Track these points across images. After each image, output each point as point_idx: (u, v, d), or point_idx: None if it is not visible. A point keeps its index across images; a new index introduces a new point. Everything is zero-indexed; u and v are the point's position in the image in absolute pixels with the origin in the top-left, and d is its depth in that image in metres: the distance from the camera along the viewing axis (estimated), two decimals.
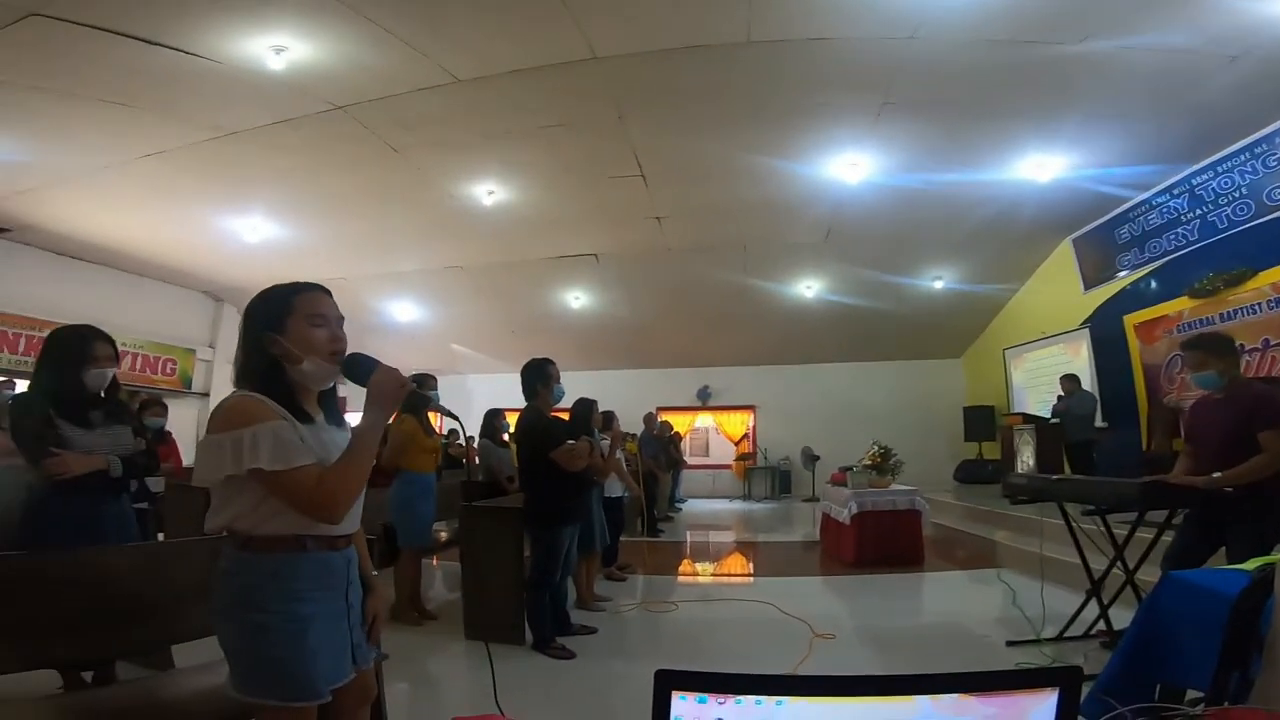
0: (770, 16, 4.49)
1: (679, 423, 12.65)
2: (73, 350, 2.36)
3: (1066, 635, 3.52)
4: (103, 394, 2.45)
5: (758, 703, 0.67)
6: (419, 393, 1.55)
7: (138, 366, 9.71)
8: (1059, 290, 9.05)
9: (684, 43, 4.76)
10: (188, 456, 7.81)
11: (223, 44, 4.48)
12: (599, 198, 7.33)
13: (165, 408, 5.77)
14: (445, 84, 5.11)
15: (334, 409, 1.53)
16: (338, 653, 1.42)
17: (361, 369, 1.42)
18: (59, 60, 4.51)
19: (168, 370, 10.45)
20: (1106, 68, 4.92)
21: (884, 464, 6.25)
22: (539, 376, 3.64)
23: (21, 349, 8.34)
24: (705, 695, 0.69)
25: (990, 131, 5.99)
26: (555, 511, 3.55)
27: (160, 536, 4.48)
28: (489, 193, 7.07)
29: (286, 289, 1.46)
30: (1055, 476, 3.76)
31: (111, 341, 2.46)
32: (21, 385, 6.15)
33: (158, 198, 7.08)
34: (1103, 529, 3.40)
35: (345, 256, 9.07)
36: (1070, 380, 7.46)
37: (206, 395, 10.96)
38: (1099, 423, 7.67)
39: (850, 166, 6.61)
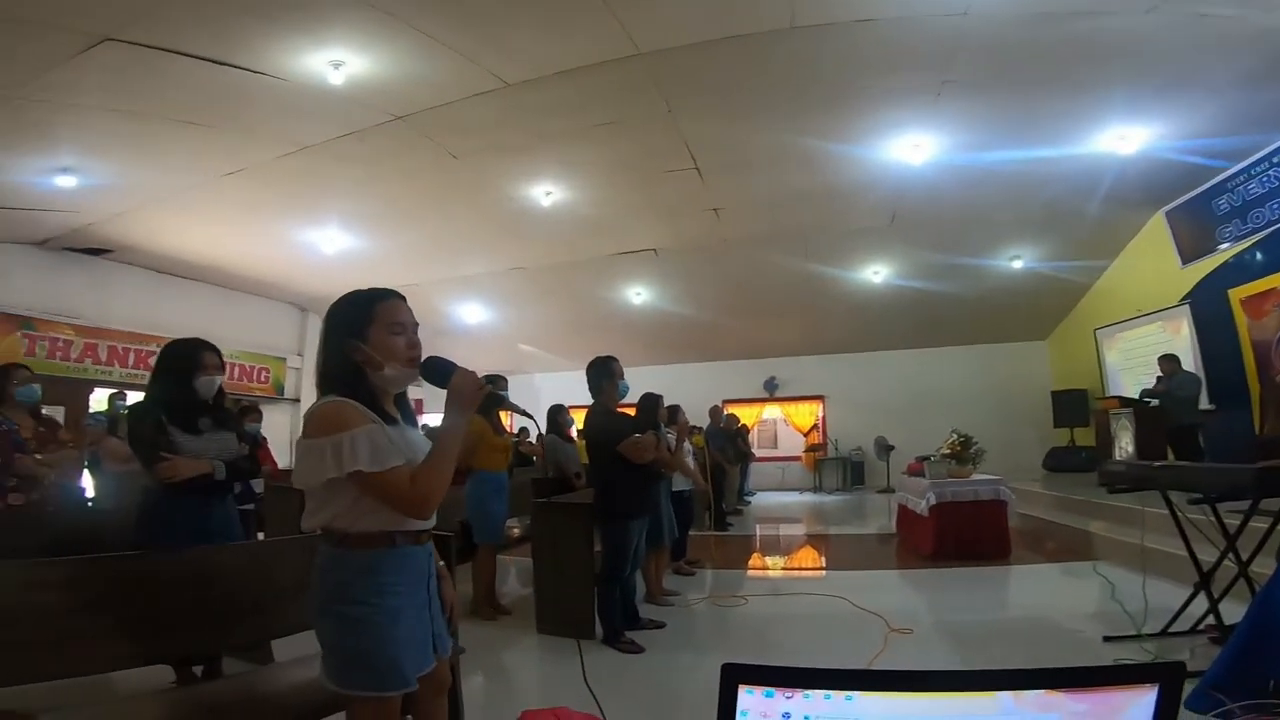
0: (812, 1, 4.37)
1: (746, 415, 12.52)
2: (184, 360, 2.55)
3: (1171, 631, 3.27)
4: (211, 402, 2.62)
5: (826, 697, 0.66)
6: (496, 393, 1.63)
7: (235, 376, 10.44)
8: (1153, 266, 8.39)
9: (725, 33, 4.69)
10: (281, 460, 8.39)
11: (285, 61, 4.70)
12: (655, 192, 7.32)
13: (261, 414, 6.20)
14: (496, 89, 5.22)
15: (408, 410, 1.61)
16: (422, 642, 1.50)
17: (440, 372, 1.49)
18: (137, 83, 4.79)
19: (261, 378, 11.18)
20: (1180, 36, 4.59)
21: (964, 453, 5.97)
22: (604, 373, 3.69)
23: (131, 362, 9.12)
24: (772, 689, 0.68)
25: (1063, 105, 5.64)
26: (624, 506, 3.59)
27: (260, 536, 4.79)
28: (546, 193, 7.18)
29: (367, 296, 1.53)
30: (1158, 463, 3.49)
31: (218, 351, 2.64)
32: (133, 396, 6.75)
33: (242, 213, 7.56)
34: (1212, 519, 3.13)
35: (415, 263, 9.41)
36: (1169, 361, 6.90)
37: (297, 401, 11.65)
38: (1204, 405, 7.07)
39: (913, 148, 6.35)
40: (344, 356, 1.49)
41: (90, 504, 4.90)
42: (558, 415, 5.53)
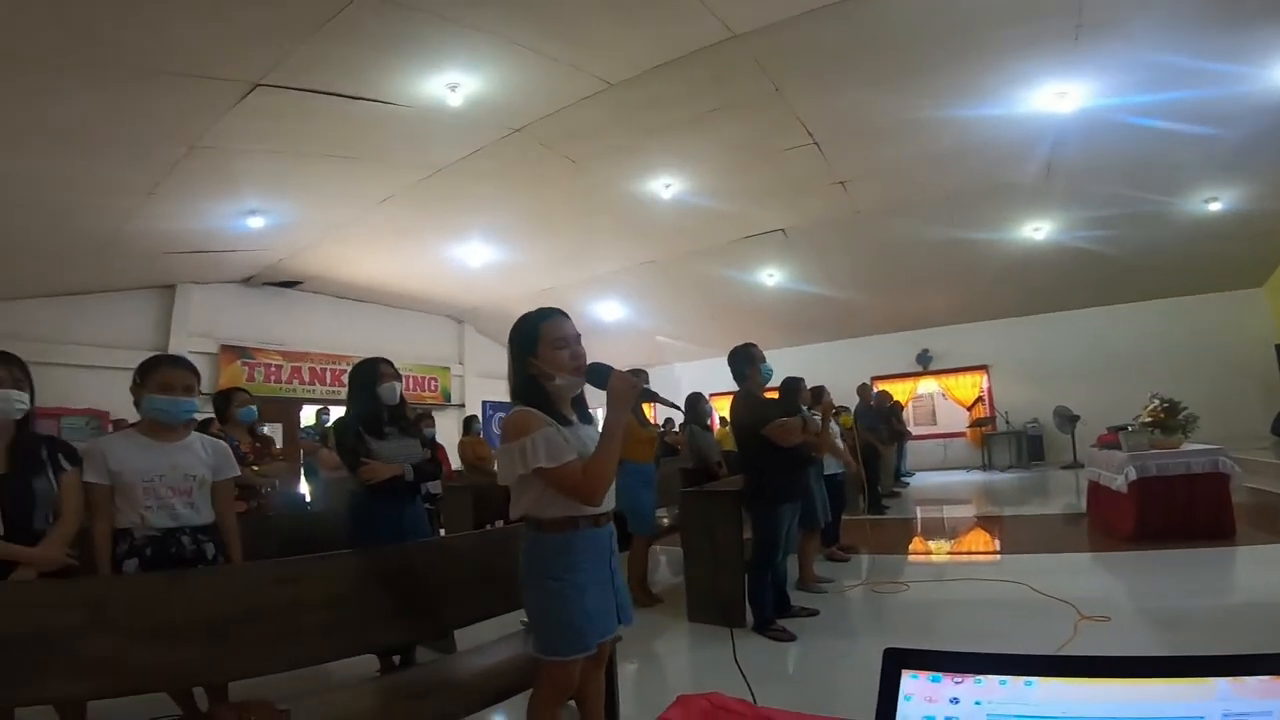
0: None
1: (898, 391, 11.77)
2: (366, 375, 2.92)
3: None
4: (395, 408, 2.94)
5: (1002, 683, 0.61)
6: (648, 390, 1.84)
7: (410, 387, 11.63)
8: None
9: (819, 3, 4.42)
10: (453, 463, 9.23)
11: (407, 89, 5.06)
12: (774, 172, 7.09)
13: (433, 419, 6.87)
14: (601, 91, 5.31)
15: (584, 411, 1.87)
16: (605, 612, 1.75)
17: (600, 376, 1.73)
18: (290, 124, 5.34)
19: (431, 387, 12.37)
20: None
21: (1171, 420, 5.17)
22: (745, 360, 3.67)
23: (328, 380, 10.49)
24: (940, 674, 0.64)
25: (1243, 32, 4.74)
26: (774, 491, 3.54)
27: (441, 533, 5.26)
28: (666, 186, 7.22)
29: (534, 318, 1.80)
30: None
31: (391, 364, 2.98)
32: (335, 411, 7.76)
33: (397, 237, 8.35)
34: None
35: (552, 267, 9.89)
36: None
37: (462, 406, 12.74)
38: None
39: (1057, 96, 5.65)
40: (523, 371, 1.76)
41: (309, 508, 5.70)
42: (697, 404, 5.54)
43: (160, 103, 4.67)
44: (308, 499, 6.03)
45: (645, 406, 4.52)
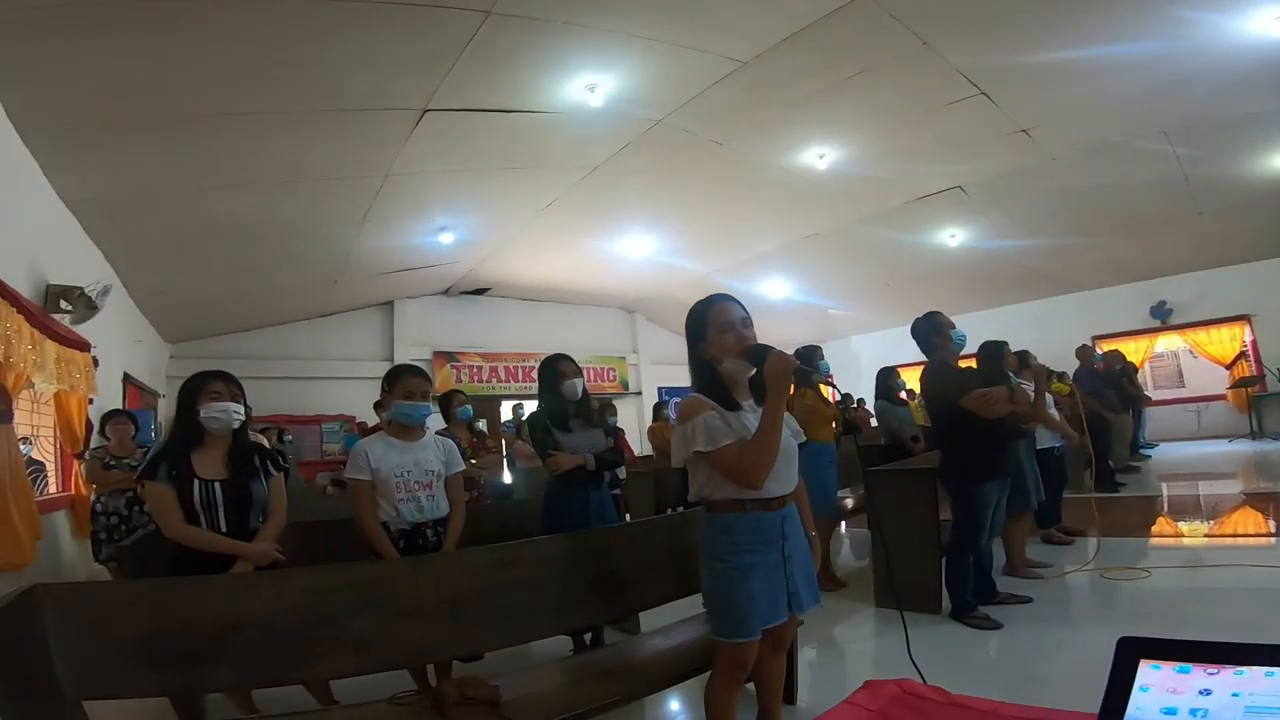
0: None
1: (1129, 351, 10.08)
2: (550, 372, 3.13)
3: None
4: (578, 403, 3.14)
5: (1269, 674, 0.52)
6: (803, 368, 1.79)
7: (591, 378, 12.35)
8: None
9: None
10: (635, 448, 9.65)
11: (550, 96, 5.30)
12: (942, 128, 6.45)
13: (615, 409, 7.24)
14: (733, 70, 5.20)
15: (761, 392, 1.79)
16: (774, 598, 1.71)
17: (759, 357, 1.71)
18: (459, 144, 5.78)
19: (610, 377, 13.04)
20: None
21: None
22: (932, 329, 3.39)
23: (520, 378, 11.53)
24: (1189, 664, 0.57)
25: None
26: (976, 467, 3.24)
27: (627, 518, 5.51)
28: (820, 156, 6.89)
29: (702, 306, 1.84)
30: None
31: (571, 359, 3.19)
32: (529, 406, 8.48)
33: (564, 237, 8.88)
34: None
35: (712, 251, 9.91)
36: None
37: (639, 393, 13.30)
38: None
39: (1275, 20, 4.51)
40: (698, 357, 1.81)
41: (513, 496, 6.29)
42: (887, 379, 5.25)
43: (350, 138, 5.32)
44: (512, 489, 6.69)
45: (821, 387, 4.37)
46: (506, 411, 10.51)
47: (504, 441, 7.34)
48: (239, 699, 2.34)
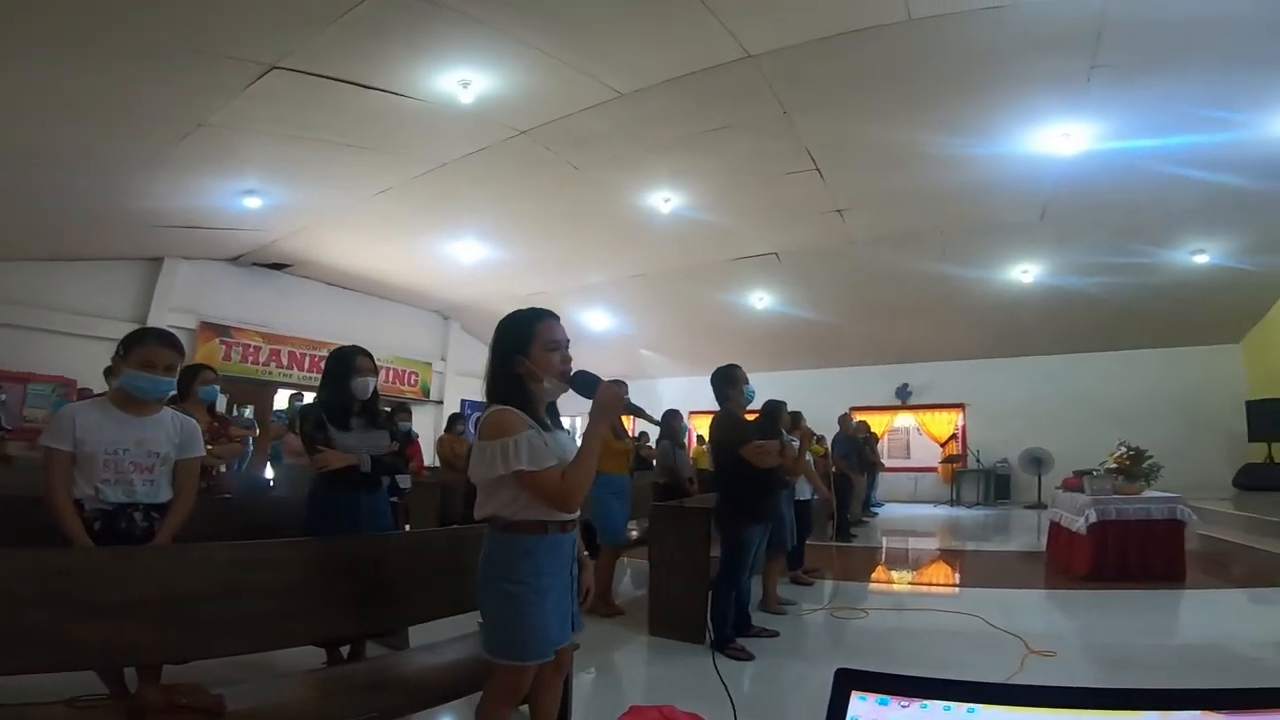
0: None
1: (876, 423, 11.90)
2: (341, 365, 2.86)
3: None
4: (365, 402, 2.89)
5: (947, 709, 0.63)
6: (633, 404, 1.80)
7: (388, 379, 11.52)
8: None
9: (836, 29, 4.52)
10: (426, 458, 9.13)
11: (419, 82, 5.08)
12: (774, 195, 7.19)
13: (410, 413, 6.81)
14: (610, 99, 5.36)
15: (556, 416, 1.84)
16: (563, 619, 1.71)
17: (588, 385, 1.71)
18: (302, 110, 5.33)
19: (411, 381, 12.26)
20: None
21: (1135, 467, 5.30)
22: (728, 380, 3.71)
23: (306, 366, 10.37)
24: (887, 697, 0.66)
25: (1245, 82, 4.90)
26: (746, 510, 3.58)
27: (406, 528, 5.21)
28: (665, 200, 7.28)
29: (529, 317, 1.76)
30: None
31: (371, 356, 2.93)
32: (309, 397, 7.67)
33: (391, 229, 8.34)
34: None
35: (545, 271, 9.91)
36: None
37: (441, 403, 12.65)
38: None
39: (1062, 138, 5.78)
40: (509, 370, 1.72)
41: (270, 492, 5.61)
42: (671, 421, 5.54)
43: (176, 79, 4.69)
44: (271, 483, 5.96)
45: (624, 419, 4.54)
46: (282, 401, 9.40)
47: (273, 433, 6.57)
48: None
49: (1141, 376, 10.61)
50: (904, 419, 13.02)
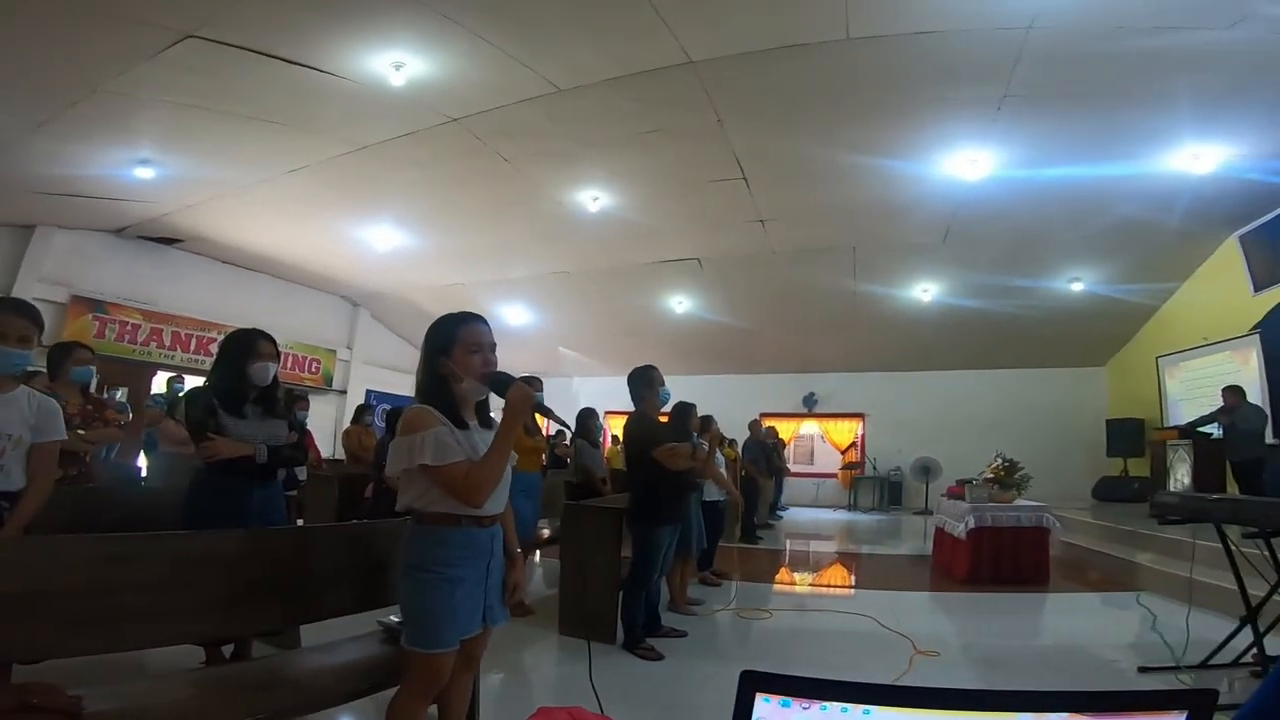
0: (869, 13, 4.33)
1: (783, 429, 12.35)
2: (239, 348, 2.63)
3: (1212, 663, 3.17)
4: (263, 389, 2.67)
5: (844, 710, 0.66)
6: (543, 405, 1.89)
7: (288, 366, 10.80)
8: (1223, 293, 8.02)
9: (779, 43, 4.67)
10: (325, 450, 8.65)
11: (350, 61, 4.87)
12: (701, 202, 7.33)
13: (308, 402, 6.42)
14: (548, 94, 5.31)
15: (486, 417, 1.90)
16: (473, 611, 1.77)
17: (501, 384, 1.78)
18: (216, 80, 5.02)
19: (313, 369, 11.59)
20: (1264, 50, 4.36)
21: (1008, 478, 5.79)
22: (644, 381, 3.74)
23: (193, 348, 9.57)
24: (790, 699, 0.68)
25: (1132, 121, 5.42)
26: (656, 511, 3.60)
27: (299, 523, 4.90)
28: (594, 199, 7.26)
29: (454, 321, 1.83)
30: (1214, 496, 3.35)
31: (273, 340, 2.72)
32: (191, 381, 7.08)
33: (302, 209, 7.87)
34: (1265, 553, 3.00)
35: (465, 263, 9.65)
36: (1233, 393, 6.55)
37: (344, 393, 12.03)
38: (1270, 439, 6.70)
39: (969, 163, 6.19)
40: (434, 371, 1.80)
41: (143, 483, 5.15)
42: (587, 420, 5.52)
43: (82, 43, 4.34)
44: (144, 473, 5.51)
45: (537, 417, 4.47)
46: (160, 384, 8.62)
47: (148, 418, 6.02)
48: None
49: (1019, 393, 11.58)
50: (809, 426, 13.59)
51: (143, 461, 5.84)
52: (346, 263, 9.87)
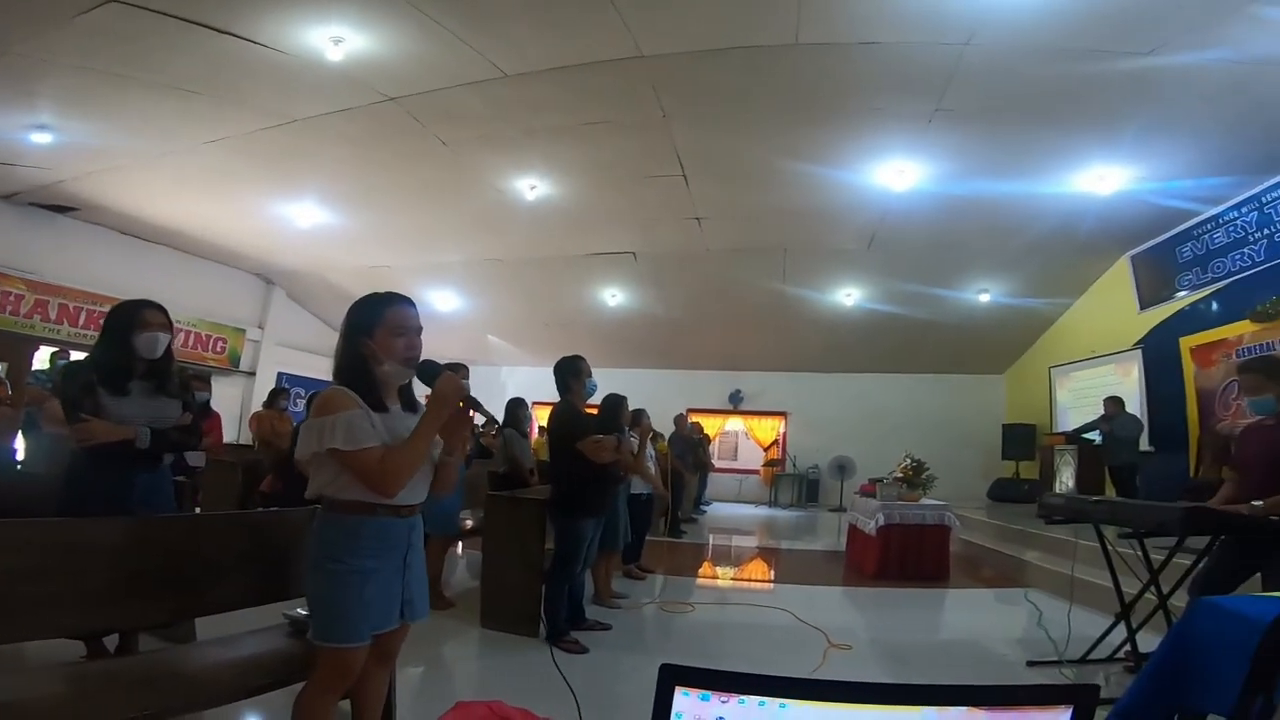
0: (819, 19, 4.43)
1: (709, 425, 12.59)
2: (124, 319, 2.38)
3: (1090, 658, 3.44)
4: (152, 364, 2.43)
5: (760, 704, 0.67)
6: (472, 398, 1.79)
7: (190, 344, 10.11)
8: (1113, 309, 8.74)
9: (731, 43, 4.73)
10: (229, 433, 8.12)
11: (286, 33, 4.62)
12: (640, 196, 7.34)
13: (208, 383, 5.99)
14: (492, 78, 5.18)
15: (410, 401, 1.82)
16: (388, 604, 1.69)
17: (429, 373, 1.73)
18: (132, 46, 4.67)
19: (218, 349, 10.86)
20: (1175, 80, 4.73)
21: (915, 477, 6.13)
22: (571, 372, 3.68)
23: (81, 322, 8.78)
24: (708, 693, 0.69)
25: (1049, 141, 5.79)
26: (581, 504, 3.58)
27: (196, 511, 4.60)
28: (531, 187, 7.15)
29: (380, 301, 1.75)
30: (1094, 498, 3.67)
31: (164, 310, 2.45)
32: (77, 356, 6.48)
33: (218, 182, 7.37)
34: (1138, 553, 3.30)
35: (392, 245, 9.29)
36: (1113, 402, 7.20)
37: (253, 374, 11.36)
38: (1145, 447, 7.39)
39: (898, 174, 6.46)
40: (354, 351, 1.71)
41: (20, 466, 4.70)
42: (516, 409, 5.41)
43: None
44: (19, 455, 5.05)
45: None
46: (44, 359, 7.86)
47: (29, 396, 5.49)
48: None
49: (927, 397, 12.28)
50: (734, 423, 13.88)
51: (20, 443, 5.32)
52: (263, 239, 9.29)
